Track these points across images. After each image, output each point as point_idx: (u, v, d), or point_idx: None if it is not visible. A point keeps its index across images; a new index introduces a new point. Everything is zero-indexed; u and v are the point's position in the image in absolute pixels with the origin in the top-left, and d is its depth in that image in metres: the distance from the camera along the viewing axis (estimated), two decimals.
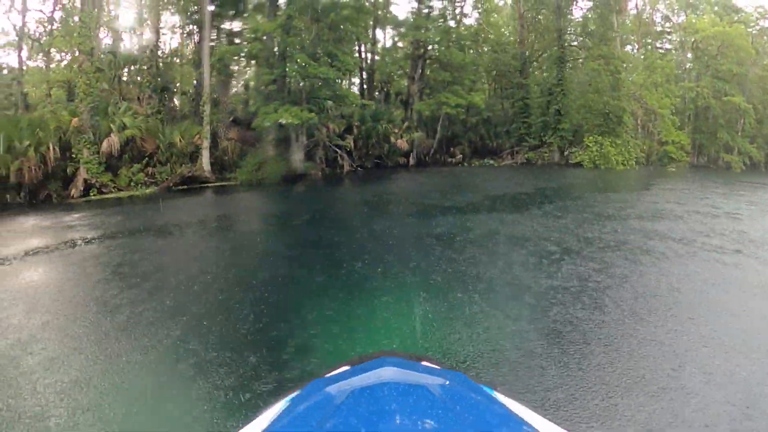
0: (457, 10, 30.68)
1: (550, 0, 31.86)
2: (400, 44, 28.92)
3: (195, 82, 22.25)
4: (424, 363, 1.08)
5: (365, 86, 27.50)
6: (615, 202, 14.91)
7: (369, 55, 28.02)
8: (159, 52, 22.29)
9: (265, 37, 20.72)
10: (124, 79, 22.03)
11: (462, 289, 6.42)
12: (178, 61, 24.05)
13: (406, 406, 0.77)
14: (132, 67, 21.99)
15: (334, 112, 21.93)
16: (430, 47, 27.32)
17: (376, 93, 26.33)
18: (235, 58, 22.59)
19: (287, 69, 20.30)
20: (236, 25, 23.40)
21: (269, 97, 20.51)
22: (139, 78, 21.72)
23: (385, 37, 29.16)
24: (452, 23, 29.48)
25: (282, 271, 7.51)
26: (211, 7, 21.68)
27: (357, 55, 26.12)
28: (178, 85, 23.17)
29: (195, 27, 22.64)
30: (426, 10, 28.24)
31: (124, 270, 7.98)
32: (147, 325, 5.54)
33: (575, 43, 32.68)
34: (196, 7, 22.32)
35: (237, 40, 22.99)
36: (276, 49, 21.01)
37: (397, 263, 7.70)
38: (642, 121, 33.42)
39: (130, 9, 24.21)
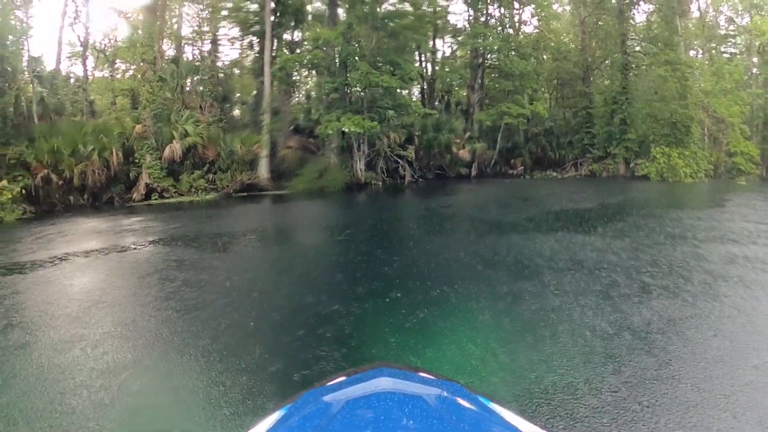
0: (516, 18, 29.66)
1: (611, 4, 30.31)
2: (458, 53, 28.08)
3: (255, 91, 22.11)
4: (421, 374, 1.03)
5: (425, 96, 26.72)
6: (689, 219, 13.10)
7: (428, 65, 27.33)
8: (219, 63, 22.36)
9: (325, 47, 20.32)
10: (187, 89, 22.10)
11: (514, 335, 5.09)
12: (238, 72, 24.08)
13: (402, 416, 0.76)
14: (194, 78, 22.07)
15: (395, 122, 21.21)
16: (489, 56, 26.32)
17: (437, 102, 25.48)
18: (296, 69, 22.29)
19: (348, 77, 19.75)
20: (295, 36, 23.30)
21: (331, 105, 20.03)
22: (200, 88, 21.75)
23: (443, 46, 28.47)
24: (510, 31, 28.45)
25: (312, 294, 6.56)
26: (271, 18, 21.53)
27: (417, 64, 25.43)
28: (238, 95, 23.13)
29: (255, 38, 22.52)
30: (484, 18, 27.30)
31: (159, 280, 7.45)
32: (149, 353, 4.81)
33: (638, 49, 30.93)
34: (256, 18, 22.23)
35: (298, 51, 22.76)
36: (337, 57, 20.57)
37: (448, 293, 6.48)
38: (710, 130, 31.26)
39: (191, 21, 24.46)
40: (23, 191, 19.86)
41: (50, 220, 17.60)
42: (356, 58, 19.86)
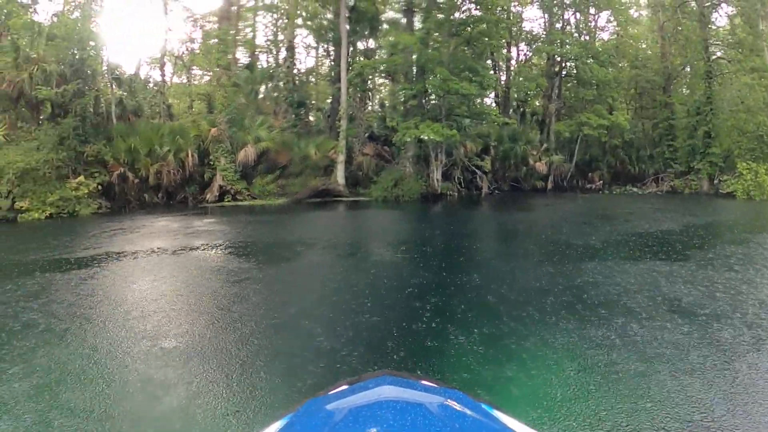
0: (591, 24, 28.18)
1: (691, 8, 28.33)
2: (533, 60, 26.89)
3: (330, 98, 21.87)
4: (423, 382, 1.02)
5: (499, 105, 25.62)
6: None
7: (502, 74, 26.28)
8: (294, 70, 22.24)
9: (403, 53, 19.78)
10: (261, 96, 22.15)
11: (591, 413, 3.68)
12: (313, 79, 24.00)
13: (405, 424, 0.76)
14: (268, 84, 22.11)
15: (471, 131, 20.37)
16: (566, 63, 25.05)
17: (511, 112, 24.36)
18: (371, 76, 21.86)
19: (427, 84, 19.08)
20: (369, 44, 22.96)
21: (407, 113, 19.44)
22: (275, 94, 21.72)
23: (518, 53, 27.29)
24: (587, 38, 27.06)
25: (358, 328, 5.45)
26: (347, 26, 21.24)
27: (491, 72, 24.50)
28: (313, 102, 23.03)
29: (330, 45, 22.29)
30: (559, 24, 26.06)
31: (205, 290, 6.93)
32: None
33: (719, 54, 28.72)
34: (331, 26, 22.02)
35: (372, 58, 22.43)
36: (413, 64, 19.98)
37: (509, 333, 5.22)
38: None
39: (265, 29, 24.60)
40: (100, 187, 20.36)
41: (123, 217, 17.86)
42: (434, 63, 19.21)
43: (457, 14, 20.74)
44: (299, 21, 22.65)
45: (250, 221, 15.32)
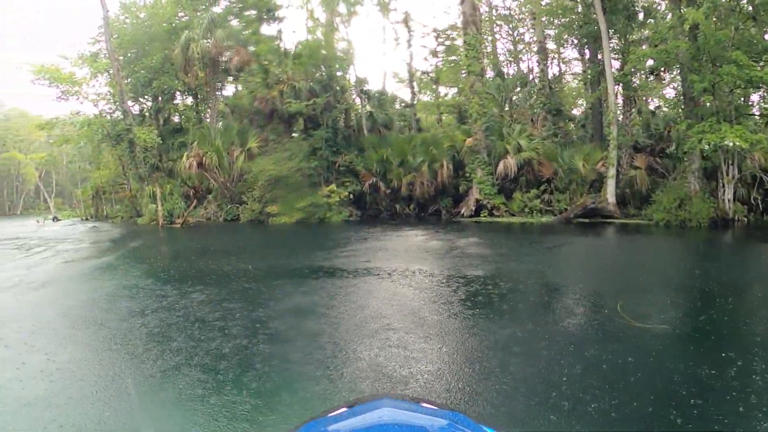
0: None
1: None
2: None
3: (586, 104, 20.42)
4: (424, 404, 1.00)
5: None
6: None
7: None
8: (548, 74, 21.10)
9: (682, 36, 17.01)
10: (513, 103, 21.54)
11: None
12: (563, 87, 22.75)
13: None
14: (518, 91, 21.40)
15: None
16: None
17: None
18: (642, 72, 19.57)
19: (720, 73, 16.00)
20: (625, 40, 20.68)
21: (690, 113, 17.01)
22: (528, 102, 20.93)
23: None
24: None
25: None
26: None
27: None
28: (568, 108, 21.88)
29: (584, 45, 20.52)
30: None
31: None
32: None
33: None
34: (584, 20, 20.24)
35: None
36: (692, 53, 17.11)
37: None
38: None
39: (505, 39, 23.84)
40: (351, 196, 21.66)
41: (374, 226, 17.89)
42: (720, 48, 15.99)
43: None
44: (544, 19, 21.12)
45: (521, 244, 13.43)
